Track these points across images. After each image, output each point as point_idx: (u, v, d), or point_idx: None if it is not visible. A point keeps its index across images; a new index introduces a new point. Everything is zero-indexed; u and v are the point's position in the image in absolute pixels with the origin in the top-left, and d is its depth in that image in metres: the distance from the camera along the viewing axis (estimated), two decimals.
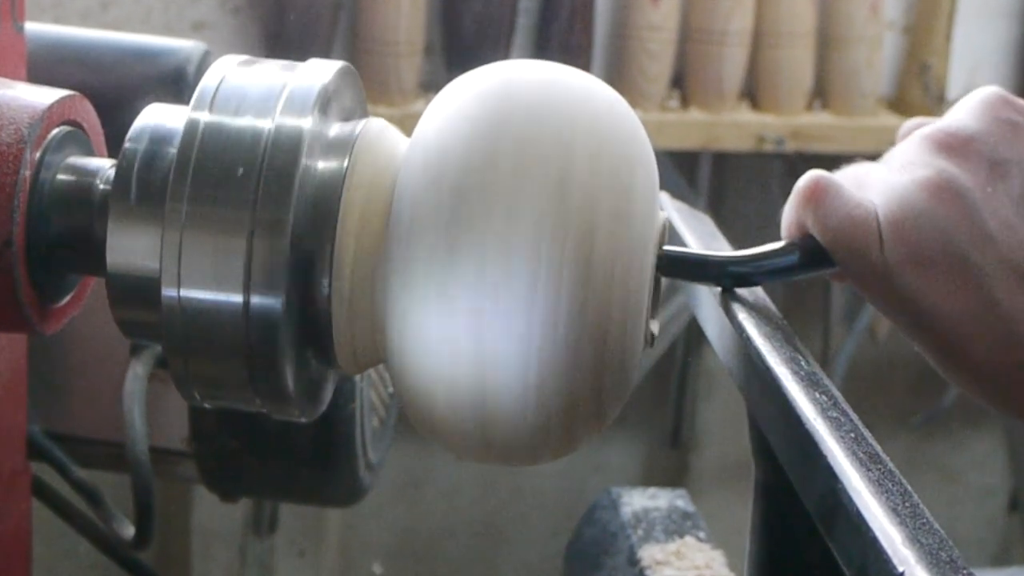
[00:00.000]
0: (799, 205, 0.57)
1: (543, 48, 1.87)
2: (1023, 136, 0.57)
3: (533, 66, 0.54)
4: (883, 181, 0.57)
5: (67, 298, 0.59)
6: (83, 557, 0.92)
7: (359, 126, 0.55)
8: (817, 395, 0.48)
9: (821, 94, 2.04)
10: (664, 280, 0.56)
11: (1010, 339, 0.54)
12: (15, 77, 0.65)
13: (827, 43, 1.99)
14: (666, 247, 0.55)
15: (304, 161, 0.51)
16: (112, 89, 0.80)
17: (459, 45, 1.85)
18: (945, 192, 0.55)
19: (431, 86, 1.84)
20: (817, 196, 0.56)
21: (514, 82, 0.52)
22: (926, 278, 0.54)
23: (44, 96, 0.56)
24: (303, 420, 0.57)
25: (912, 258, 0.54)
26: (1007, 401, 0.56)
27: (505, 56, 1.84)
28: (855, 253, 0.55)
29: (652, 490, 0.94)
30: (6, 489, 0.76)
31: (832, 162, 0.62)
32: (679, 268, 0.56)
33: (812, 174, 0.57)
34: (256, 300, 0.51)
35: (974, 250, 0.54)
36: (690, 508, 0.92)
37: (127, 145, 0.54)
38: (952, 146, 0.56)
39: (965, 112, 0.58)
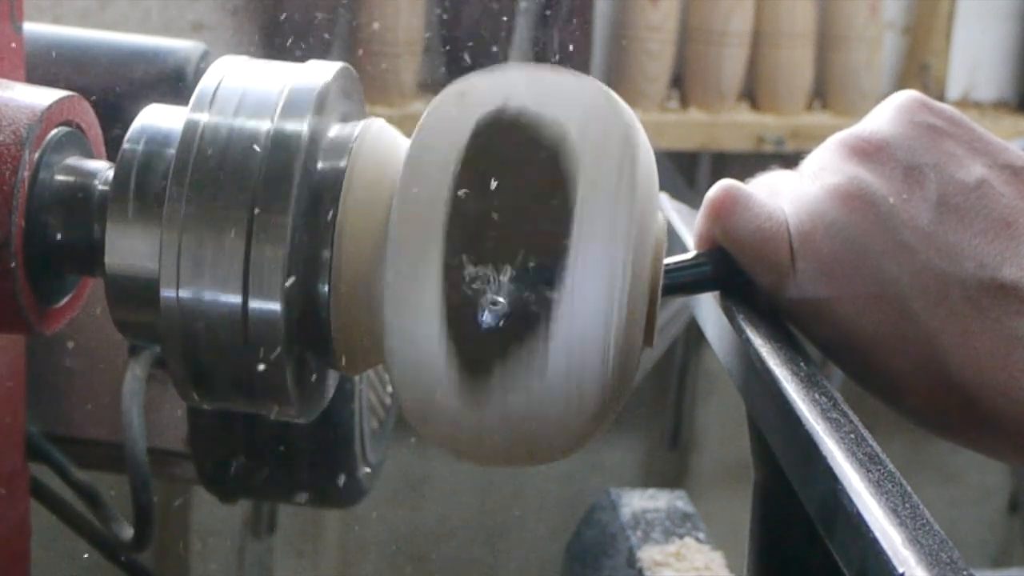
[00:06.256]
0: (709, 216, 0.55)
1: (542, 48, 1.87)
2: (941, 140, 0.53)
3: (532, 68, 0.54)
4: (794, 190, 0.54)
5: (65, 299, 0.59)
6: (82, 558, 0.92)
7: (358, 127, 0.55)
8: (817, 396, 0.47)
9: (821, 94, 2.04)
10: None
11: (930, 355, 0.50)
12: (13, 78, 0.64)
13: (827, 43, 1.99)
14: None
15: (303, 163, 0.51)
16: (111, 90, 0.80)
17: (458, 46, 1.85)
18: (856, 200, 0.52)
19: (430, 86, 1.85)
20: (727, 207, 0.54)
21: (515, 85, 0.52)
22: (840, 292, 0.51)
23: (42, 97, 0.56)
24: (302, 421, 0.57)
25: (824, 271, 0.52)
26: (935, 422, 0.52)
27: (504, 57, 1.84)
28: (766, 267, 0.53)
29: (651, 491, 0.95)
30: (5, 490, 0.76)
31: None
32: None
33: (723, 183, 0.55)
34: (255, 301, 0.51)
35: (888, 261, 0.51)
36: (689, 509, 0.92)
37: (126, 146, 0.54)
38: (866, 151, 0.53)
39: (881, 117, 0.54)
